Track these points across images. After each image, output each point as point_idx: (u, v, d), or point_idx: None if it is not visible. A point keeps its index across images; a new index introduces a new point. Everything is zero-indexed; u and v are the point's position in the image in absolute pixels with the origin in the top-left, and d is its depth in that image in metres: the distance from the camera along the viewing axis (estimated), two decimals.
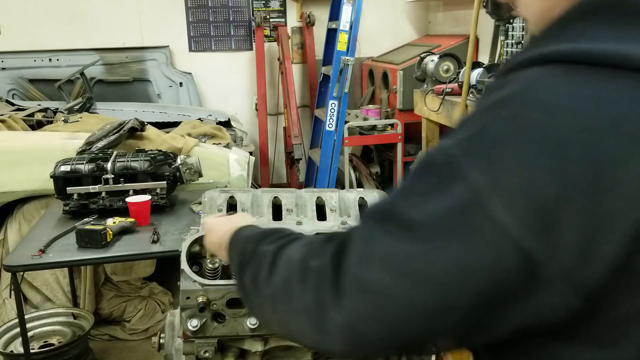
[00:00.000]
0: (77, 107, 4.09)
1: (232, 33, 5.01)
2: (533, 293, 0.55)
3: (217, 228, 0.97)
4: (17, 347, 2.48)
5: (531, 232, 0.53)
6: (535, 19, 0.64)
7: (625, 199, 0.52)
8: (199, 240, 1.37)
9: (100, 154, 2.53)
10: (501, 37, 3.15)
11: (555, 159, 0.53)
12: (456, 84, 3.22)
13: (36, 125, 3.50)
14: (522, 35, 3.33)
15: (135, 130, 2.92)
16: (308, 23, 4.89)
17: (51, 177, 2.38)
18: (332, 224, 1.48)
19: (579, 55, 0.56)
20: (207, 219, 1.07)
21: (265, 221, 1.45)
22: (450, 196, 0.56)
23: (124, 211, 2.33)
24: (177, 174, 2.51)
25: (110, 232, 2.11)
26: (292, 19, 5.08)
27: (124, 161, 2.43)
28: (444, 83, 3.31)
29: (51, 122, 3.58)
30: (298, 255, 0.69)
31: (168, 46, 4.81)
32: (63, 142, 2.88)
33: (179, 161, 2.54)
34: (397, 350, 0.67)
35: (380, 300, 0.59)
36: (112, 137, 2.78)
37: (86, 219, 2.27)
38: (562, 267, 0.53)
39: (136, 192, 2.41)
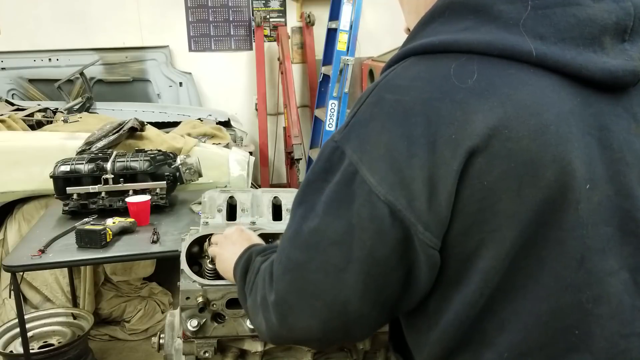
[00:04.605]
0: (77, 107, 4.09)
1: (232, 33, 5.01)
2: (407, 239, 0.68)
3: (224, 252, 1.09)
4: (17, 347, 2.48)
5: (390, 188, 0.67)
6: (412, 26, 0.80)
7: (450, 148, 0.65)
8: (198, 241, 1.37)
9: (99, 154, 2.52)
10: None
11: (403, 126, 0.68)
12: None
13: (36, 125, 3.50)
14: None
15: (135, 130, 2.91)
16: (308, 23, 4.88)
17: (51, 177, 2.38)
18: None
19: (423, 48, 0.72)
20: (213, 248, 1.18)
21: (265, 221, 1.45)
22: (339, 174, 0.71)
23: (123, 211, 2.33)
24: (177, 174, 2.51)
25: (110, 232, 2.11)
26: (292, 19, 5.08)
27: (124, 161, 2.43)
28: None
29: (51, 122, 3.58)
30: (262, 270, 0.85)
31: (168, 46, 4.81)
32: (63, 142, 2.88)
33: (178, 161, 2.54)
34: (328, 324, 0.74)
35: (297, 273, 0.73)
36: (112, 137, 2.78)
37: (86, 219, 2.26)
38: (420, 211, 0.67)
39: (136, 192, 2.40)
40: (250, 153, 3.21)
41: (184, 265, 1.30)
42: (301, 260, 0.73)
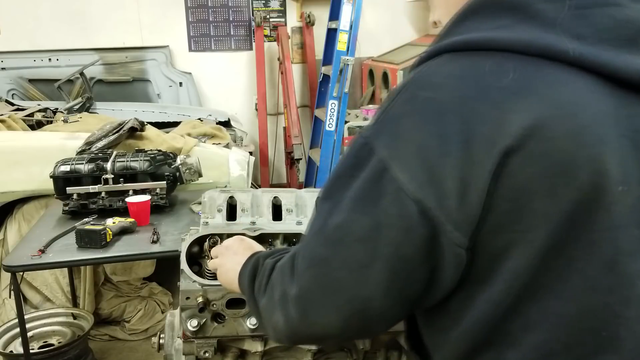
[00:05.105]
0: (77, 107, 4.09)
1: (232, 33, 5.01)
2: (434, 238, 0.67)
3: (226, 263, 1.05)
4: (17, 347, 2.48)
5: (420, 186, 0.66)
6: (444, 23, 0.79)
7: (484, 147, 0.65)
8: (198, 241, 1.37)
9: (99, 154, 2.53)
10: None
11: (436, 124, 0.67)
12: None
13: (36, 125, 3.50)
14: None
15: (135, 130, 2.92)
16: (308, 23, 4.88)
17: (51, 177, 2.38)
18: None
19: (458, 45, 0.71)
20: (214, 261, 1.12)
21: (265, 221, 1.45)
22: (367, 170, 0.70)
23: (123, 211, 2.33)
24: (177, 173, 2.51)
25: (110, 232, 2.11)
26: (292, 19, 5.08)
27: (124, 161, 2.43)
28: None
29: (51, 122, 3.58)
30: (276, 272, 0.83)
31: (168, 46, 4.81)
32: (63, 142, 2.88)
33: (178, 161, 2.54)
34: (349, 320, 0.73)
35: (321, 269, 0.73)
36: (112, 137, 2.78)
37: (86, 219, 2.26)
38: (449, 210, 0.66)
39: (136, 192, 2.40)
40: (250, 153, 3.22)
41: (184, 265, 1.30)
42: (325, 255, 0.72)
